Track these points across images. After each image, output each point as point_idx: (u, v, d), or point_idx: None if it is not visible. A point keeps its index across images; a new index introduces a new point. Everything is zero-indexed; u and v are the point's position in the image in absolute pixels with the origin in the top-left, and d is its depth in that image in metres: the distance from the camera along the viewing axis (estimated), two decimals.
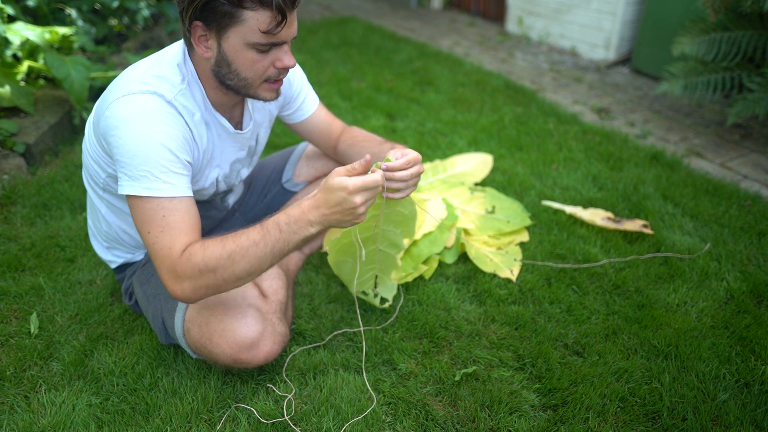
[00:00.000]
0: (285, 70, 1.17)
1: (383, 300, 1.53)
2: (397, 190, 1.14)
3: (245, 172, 1.48)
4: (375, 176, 1.06)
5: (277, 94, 1.21)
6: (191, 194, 1.13)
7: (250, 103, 1.35)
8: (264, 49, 1.11)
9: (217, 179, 1.34)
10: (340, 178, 1.05)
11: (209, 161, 1.28)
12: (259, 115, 1.40)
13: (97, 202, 1.36)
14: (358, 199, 1.04)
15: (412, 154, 1.14)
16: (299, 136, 1.57)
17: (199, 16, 1.06)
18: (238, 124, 1.34)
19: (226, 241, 1.07)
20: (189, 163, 1.15)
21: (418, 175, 1.15)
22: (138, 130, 1.08)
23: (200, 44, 1.11)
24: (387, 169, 1.11)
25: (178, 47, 1.20)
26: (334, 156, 1.55)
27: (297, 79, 1.46)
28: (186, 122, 1.16)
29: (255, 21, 1.06)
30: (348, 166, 1.07)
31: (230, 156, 1.34)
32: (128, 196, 1.11)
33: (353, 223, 1.08)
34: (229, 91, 1.20)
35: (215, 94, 1.21)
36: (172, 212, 1.09)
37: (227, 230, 1.55)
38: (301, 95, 1.48)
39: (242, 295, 1.28)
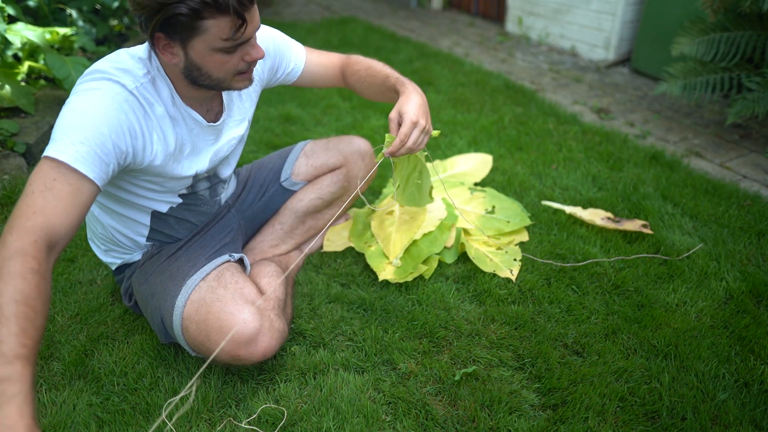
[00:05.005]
0: (255, 61, 1.19)
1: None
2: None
3: (232, 162, 1.47)
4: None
5: (250, 81, 1.23)
6: (98, 186, 1.03)
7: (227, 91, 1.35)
8: (231, 50, 1.12)
9: (196, 173, 1.32)
10: None
11: (178, 156, 1.25)
12: (242, 101, 1.40)
13: None
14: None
15: (404, 129, 1.29)
16: (305, 87, 1.61)
17: (160, 29, 1.06)
18: (218, 115, 1.33)
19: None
20: (124, 154, 1.09)
21: (421, 132, 1.31)
22: (82, 104, 1.05)
23: (165, 52, 1.11)
24: (390, 154, 1.31)
25: (144, 46, 1.20)
26: (346, 87, 1.61)
27: (276, 44, 1.45)
28: (147, 113, 1.14)
29: (217, 29, 1.06)
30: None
31: (206, 150, 1.32)
32: (41, 160, 1.02)
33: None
34: (202, 87, 1.20)
35: (186, 90, 1.21)
36: (65, 183, 0.98)
37: (223, 228, 1.55)
38: (286, 56, 1.48)
39: (240, 292, 1.28)
